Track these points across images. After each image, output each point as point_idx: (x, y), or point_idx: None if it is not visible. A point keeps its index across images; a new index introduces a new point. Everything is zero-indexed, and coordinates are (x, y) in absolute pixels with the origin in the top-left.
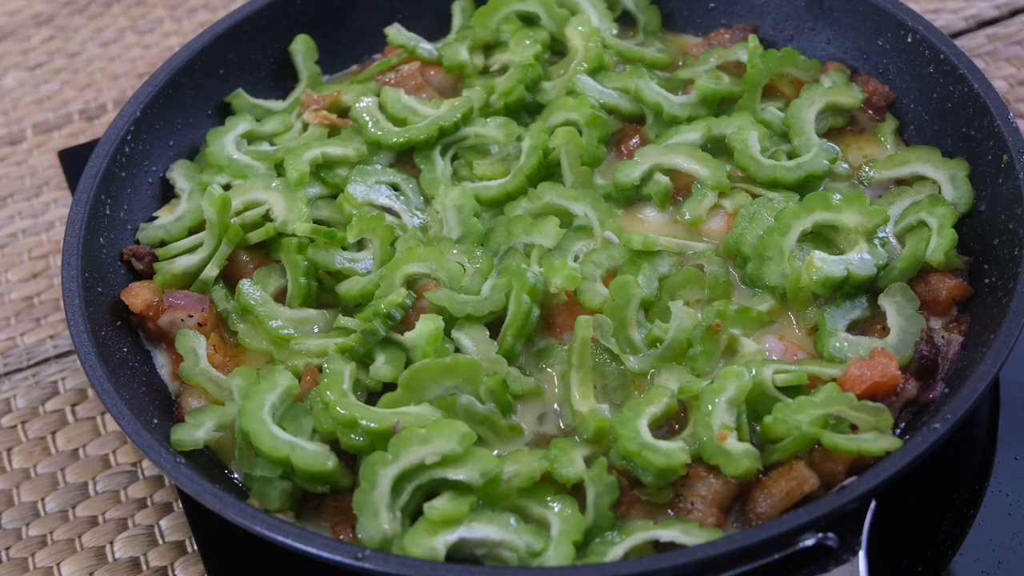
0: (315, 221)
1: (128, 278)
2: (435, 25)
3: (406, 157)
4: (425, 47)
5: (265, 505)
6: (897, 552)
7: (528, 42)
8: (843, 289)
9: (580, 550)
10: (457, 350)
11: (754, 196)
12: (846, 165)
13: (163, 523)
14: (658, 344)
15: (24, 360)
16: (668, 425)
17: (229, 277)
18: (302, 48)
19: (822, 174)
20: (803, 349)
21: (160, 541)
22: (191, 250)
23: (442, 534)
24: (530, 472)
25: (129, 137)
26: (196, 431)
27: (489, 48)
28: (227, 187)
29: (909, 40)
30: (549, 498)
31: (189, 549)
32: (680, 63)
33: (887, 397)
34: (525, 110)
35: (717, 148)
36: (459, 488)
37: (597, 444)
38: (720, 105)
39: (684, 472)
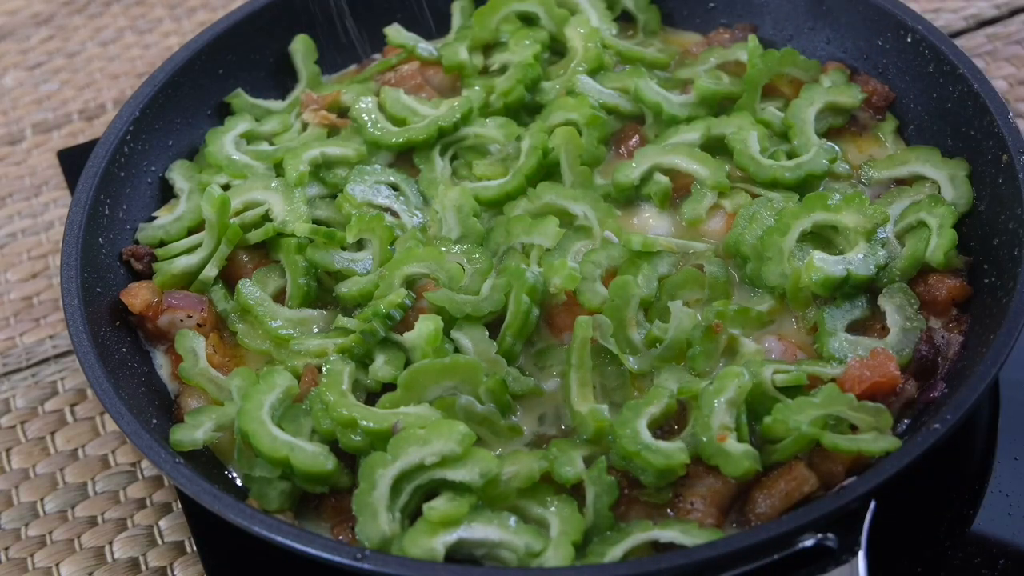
0: (314, 221)
1: (127, 278)
2: (435, 25)
3: (406, 157)
4: (425, 47)
5: (264, 505)
6: (897, 552)
7: (528, 42)
8: (843, 289)
9: (579, 550)
10: (457, 350)
11: (754, 196)
12: (846, 165)
13: (162, 523)
14: (657, 344)
15: (23, 360)
16: (667, 425)
17: (228, 277)
18: (301, 48)
19: (822, 174)
20: (803, 349)
21: (159, 541)
22: (190, 250)
23: (441, 535)
24: (529, 472)
25: (128, 137)
26: (195, 431)
27: (489, 48)
28: (226, 187)
29: (909, 40)
30: (548, 498)
31: (188, 549)
32: (680, 62)
33: (887, 397)
34: (525, 110)
35: (717, 148)
36: (458, 489)
37: (596, 444)
38: (720, 105)
39: (683, 472)
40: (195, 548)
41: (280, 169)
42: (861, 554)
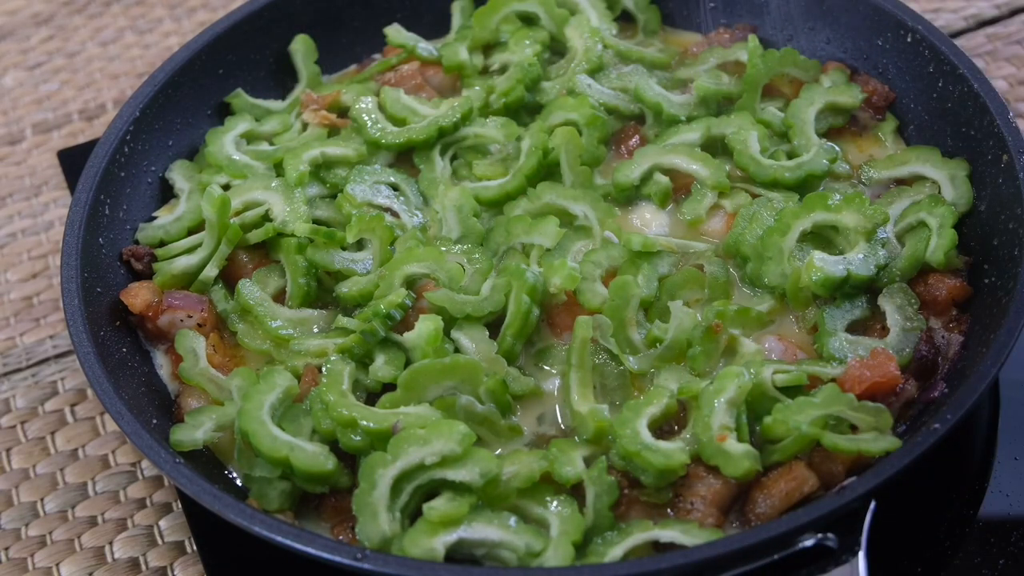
0: (314, 221)
1: (127, 278)
2: (435, 25)
3: (406, 157)
4: (425, 47)
5: (264, 505)
6: (897, 552)
7: (528, 42)
8: (843, 289)
9: (580, 550)
10: (457, 350)
11: (754, 196)
12: (846, 165)
13: (162, 523)
14: (658, 344)
15: (23, 360)
16: (667, 425)
17: (228, 277)
18: (301, 48)
19: (822, 174)
20: (803, 349)
21: (159, 541)
22: (190, 250)
23: (441, 535)
24: (529, 472)
25: (128, 137)
26: (195, 431)
27: (489, 48)
28: (226, 187)
29: (909, 40)
30: (548, 498)
31: (188, 549)
32: (680, 62)
33: (887, 397)
34: (525, 110)
35: (717, 148)
36: (458, 488)
37: (597, 444)
38: (720, 105)
39: (683, 472)
40: (195, 548)
41: (280, 169)
42: (861, 554)
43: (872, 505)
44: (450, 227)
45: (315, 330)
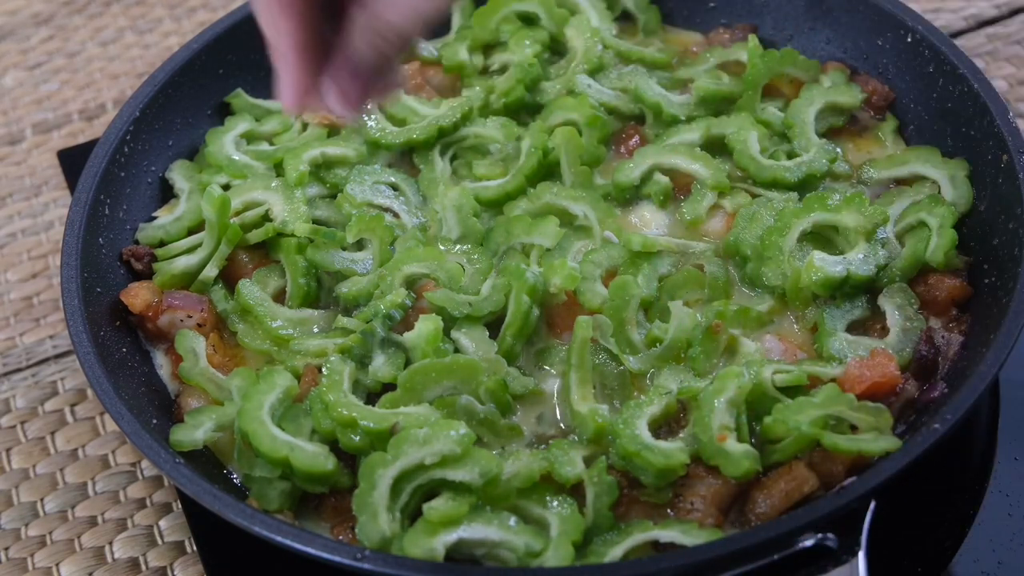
0: (314, 221)
1: (127, 278)
2: (435, 25)
3: (406, 157)
4: (425, 47)
5: (264, 505)
6: (897, 552)
7: (528, 42)
8: (843, 289)
9: (580, 550)
10: (457, 350)
11: (754, 196)
12: (846, 165)
13: (162, 523)
14: (658, 344)
15: (23, 360)
16: (667, 425)
17: (228, 277)
18: None
19: (822, 174)
20: (803, 349)
21: (159, 541)
22: (190, 250)
23: (441, 535)
24: (529, 472)
25: (128, 137)
26: (195, 431)
27: (489, 48)
28: (226, 187)
29: (909, 40)
30: (548, 498)
31: (188, 549)
32: (680, 62)
33: (887, 397)
34: (525, 110)
35: (717, 148)
36: (458, 488)
37: (596, 444)
38: (720, 105)
39: (683, 472)
40: (195, 548)
41: (280, 169)
42: (861, 554)
43: (872, 505)
44: (450, 227)
45: (315, 330)
